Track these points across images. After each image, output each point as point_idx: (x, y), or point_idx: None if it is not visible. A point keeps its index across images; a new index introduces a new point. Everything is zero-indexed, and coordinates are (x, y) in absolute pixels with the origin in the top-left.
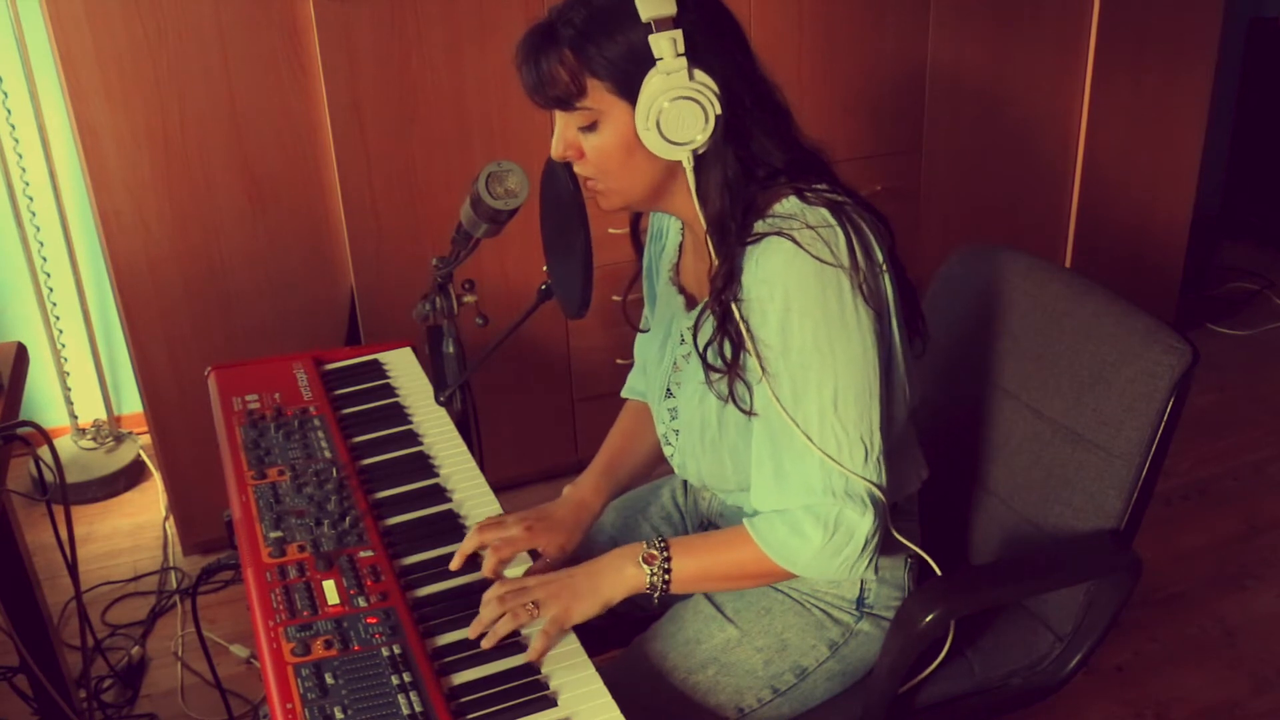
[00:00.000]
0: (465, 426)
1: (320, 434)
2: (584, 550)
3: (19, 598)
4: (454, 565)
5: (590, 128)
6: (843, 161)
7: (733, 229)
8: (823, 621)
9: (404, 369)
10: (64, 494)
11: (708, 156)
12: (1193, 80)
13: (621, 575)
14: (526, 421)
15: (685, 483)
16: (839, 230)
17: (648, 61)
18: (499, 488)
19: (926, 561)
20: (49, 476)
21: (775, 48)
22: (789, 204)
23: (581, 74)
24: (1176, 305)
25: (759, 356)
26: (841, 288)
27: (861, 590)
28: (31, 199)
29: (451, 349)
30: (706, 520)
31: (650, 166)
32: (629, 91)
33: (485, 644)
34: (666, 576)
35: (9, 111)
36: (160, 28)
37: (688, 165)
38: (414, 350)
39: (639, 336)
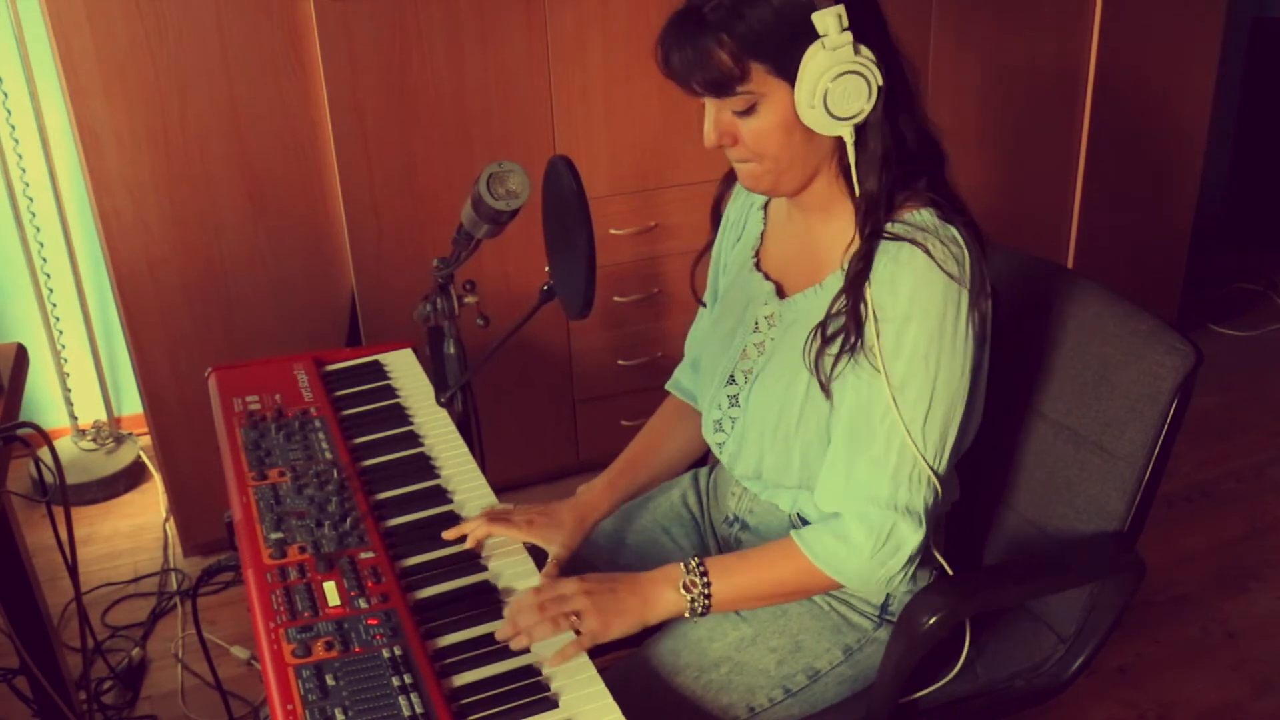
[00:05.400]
0: (466, 427)
1: (321, 435)
2: (588, 549)
3: (19, 599)
4: (449, 534)
5: (747, 111)
6: None
7: (883, 205)
8: (839, 625)
9: (405, 370)
10: (64, 495)
11: (866, 130)
12: (1195, 81)
13: (661, 599)
14: (528, 423)
15: (703, 480)
16: (967, 252)
17: (804, 38)
18: (500, 489)
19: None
20: (49, 478)
21: None
22: (924, 215)
23: (744, 58)
24: (1179, 306)
25: (872, 351)
26: (960, 307)
27: (887, 597)
28: (31, 199)
29: (452, 350)
30: (732, 516)
31: (808, 145)
32: (788, 70)
33: (517, 644)
34: (706, 601)
35: (9, 111)
36: (160, 28)
37: (849, 139)
38: (415, 351)
39: (695, 327)
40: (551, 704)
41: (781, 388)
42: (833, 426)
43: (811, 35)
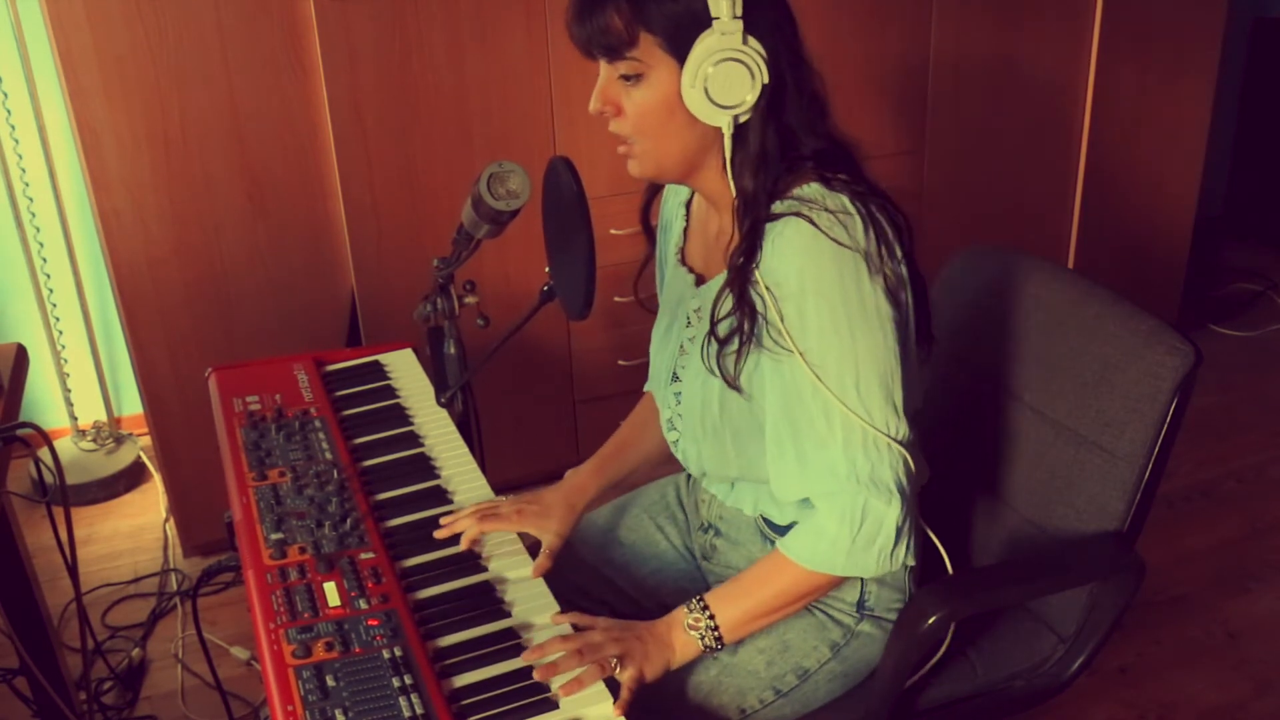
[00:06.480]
0: (466, 428)
1: (321, 435)
2: (593, 550)
3: (19, 599)
4: (440, 535)
5: (634, 81)
6: None
7: (762, 204)
8: (824, 623)
9: (405, 370)
10: (64, 496)
11: (748, 127)
12: (1196, 81)
13: (678, 643)
14: (528, 423)
15: (688, 479)
16: (857, 217)
17: (702, 24)
18: (500, 489)
19: (928, 564)
20: (49, 478)
21: None
22: (811, 189)
23: (635, 25)
24: (1179, 306)
25: (781, 333)
26: (859, 272)
27: (861, 593)
28: (31, 199)
29: (453, 350)
30: (706, 523)
31: (688, 131)
32: (679, 50)
33: (565, 693)
34: (716, 634)
35: (9, 111)
36: (160, 28)
37: (727, 132)
38: (415, 351)
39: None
40: (552, 705)
41: (700, 381)
42: (767, 418)
43: (709, 22)
